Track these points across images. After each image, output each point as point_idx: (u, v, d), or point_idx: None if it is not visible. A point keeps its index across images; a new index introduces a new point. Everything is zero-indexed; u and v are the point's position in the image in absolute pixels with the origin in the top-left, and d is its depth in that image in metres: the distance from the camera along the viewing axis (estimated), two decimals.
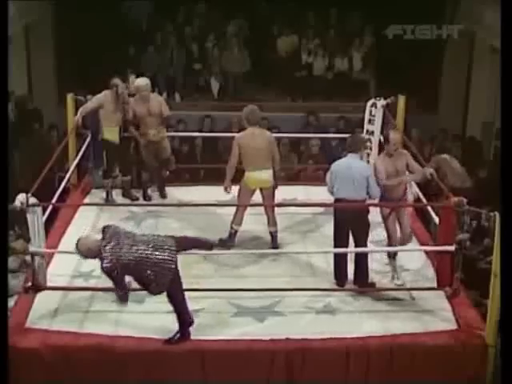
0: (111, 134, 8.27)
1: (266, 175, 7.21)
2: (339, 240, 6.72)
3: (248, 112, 7.37)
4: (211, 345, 5.76)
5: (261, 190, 7.28)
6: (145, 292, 6.39)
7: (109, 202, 8.42)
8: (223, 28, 14.31)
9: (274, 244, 7.38)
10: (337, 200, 6.79)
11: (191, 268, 6.87)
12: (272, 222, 7.34)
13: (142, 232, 6.21)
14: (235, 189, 7.36)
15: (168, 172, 8.71)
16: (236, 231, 7.31)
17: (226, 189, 7.30)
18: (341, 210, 6.73)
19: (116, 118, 8.25)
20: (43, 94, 13.62)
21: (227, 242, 7.25)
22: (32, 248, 6.26)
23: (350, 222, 6.65)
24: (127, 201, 8.51)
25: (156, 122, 8.29)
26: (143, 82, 8.32)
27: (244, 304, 6.31)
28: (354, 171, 6.63)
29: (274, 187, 7.34)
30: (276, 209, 8.05)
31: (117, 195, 8.58)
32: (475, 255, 8.21)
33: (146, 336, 5.85)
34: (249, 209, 7.31)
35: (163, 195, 8.64)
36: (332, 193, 6.82)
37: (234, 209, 7.32)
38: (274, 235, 7.38)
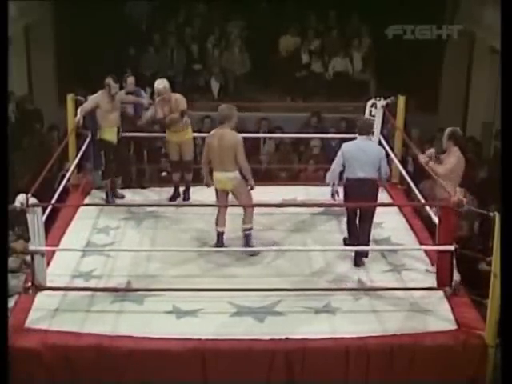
0: (108, 134, 8.26)
1: (226, 177, 7.03)
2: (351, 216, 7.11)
3: (217, 111, 7.21)
4: (211, 345, 5.76)
5: (232, 192, 7.17)
6: (145, 292, 6.43)
7: (109, 202, 8.42)
8: (223, 28, 14.33)
9: (247, 243, 7.17)
10: (347, 180, 7.08)
11: (190, 268, 6.90)
12: (247, 219, 7.14)
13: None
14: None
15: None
16: (221, 232, 7.19)
17: (206, 185, 7.35)
18: (352, 186, 7.02)
19: (112, 118, 8.23)
20: (43, 94, 13.62)
21: (215, 244, 7.21)
22: (32, 247, 6.26)
23: (360, 196, 6.97)
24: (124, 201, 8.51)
25: (178, 121, 8.29)
26: (161, 84, 8.25)
27: (244, 304, 6.31)
28: (368, 152, 6.97)
29: (246, 187, 7.12)
30: (276, 209, 8.09)
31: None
32: (475, 255, 8.20)
33: (146, 336, 5.84)
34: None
35: (186, 198, 8.61)
36: (336, 178, 7.20)
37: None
38: (246, 234, 7.17)
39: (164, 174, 8.72)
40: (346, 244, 7.23)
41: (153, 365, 5.71)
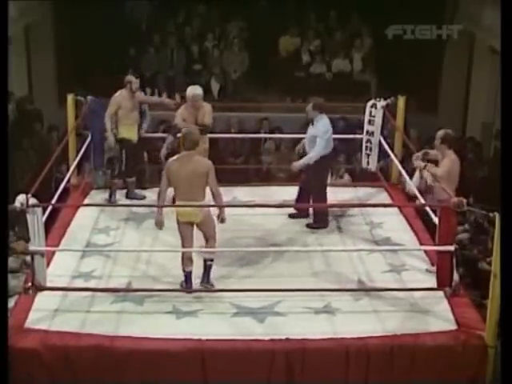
0: (129, 132, 8.24)
1: (193, 209, 6.40)
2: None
3: (184, 134, 6.44)
4: (211, 345, 5.76)
5: (197, 224, 6.52)
6: (145, 292, 6.43)
7: (111, 202, 8.40)
8: (223, 28, 14.33)
9: (206, 278, 6.55)
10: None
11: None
12: (210, 249, 6.56)
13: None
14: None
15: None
16: (189, 272, 6.52)
17: (156, 224, 6.58)
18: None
19: (133, 116, 8.22)
20: (43, 94, 13.62)
21: (185, 286, 6.55)
22: (32, 247, 6.26)
23: None
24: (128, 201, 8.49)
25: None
26: (199, 90, 7.88)
27: (244, 304, 6.31)
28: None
29: (213, 219, 6.55)
30: (276, 209, 8.09)
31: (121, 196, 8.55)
32: (475, 255, 8.21)
33: (146, 336, 5.84)
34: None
35: None
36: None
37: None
38: (208, 264, 6.55)
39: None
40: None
41: (153, 365, 5.71)
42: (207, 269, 6.57)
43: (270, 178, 11.01)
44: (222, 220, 6.55)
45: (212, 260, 6.59)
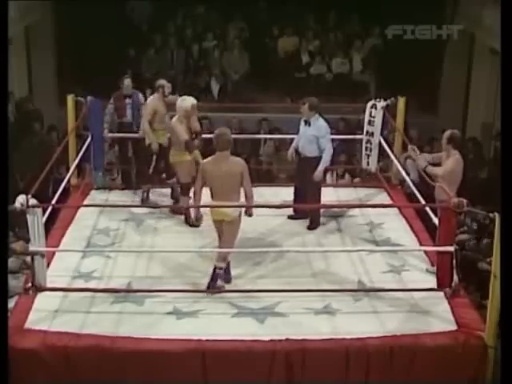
0: (163, 137, 8.24)
1: (226, 208, 6.49)
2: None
3: (216, 135, 6.51)
4: (211, 345, 5.75)
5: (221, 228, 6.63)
6: (145, 293, 6.43)
7: (147, 202, 8.41)
8: (223, 29, 14.33)
9: (215, 280, 6.54)
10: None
11: (191, 269, 6.90)
12: (222, 257, 6.56)
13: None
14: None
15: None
16: (221, 269, 6.56)
17: (197, 221, 6.78)
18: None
19: (166, 121, 8.20)
20: (43, 94, 13.63)
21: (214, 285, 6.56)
22: (32, 248, 6.26)
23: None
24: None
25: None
26: (189, 102, 7.61)
27: (244, 305, 6.31)
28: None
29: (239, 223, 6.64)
30: (276, 210, 8.09)
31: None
32: (475, 256, 8.21)
33: (147, 337, 5.84)
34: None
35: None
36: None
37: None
38: (217, 272, 6.53)
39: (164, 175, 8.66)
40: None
41: (153, 366, 5.71)
42: (216, 275, 6.53)
43: (269, 179, 11.01)
44: (249, 215, 6.65)
45: (221, 268, 6.55)
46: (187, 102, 7.62)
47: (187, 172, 7.73)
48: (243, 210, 6.62)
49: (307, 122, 7.86)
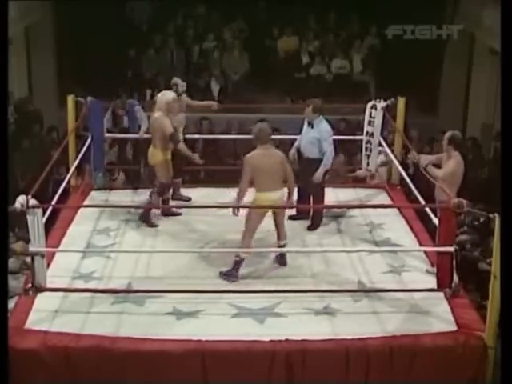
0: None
1: (277, 196, 6.91)
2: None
3: (258, 130, 6.94)
4: (211, 345, 5.75)
5: (273, 211, 7.00)
6: (145, 294, 6.43)
7: (180, 199, 8.43)
8: (223, 30, 14.33)
9: (282, 259, 7.08)
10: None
11: (191, 269, 6.90)
12: (282, 236, 7.10)
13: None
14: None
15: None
16: (242, 260, 6.82)
17: (234, 211, 6.92)
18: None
19: (180, 119, 8.21)
20: (43, 95, 13.63)
21: (230, 275, 6.81)
22: (32, 248, 6.26)
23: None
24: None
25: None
26: (171, 95, 7.83)
27: (244, 305, 6.31)
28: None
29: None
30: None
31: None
32: (475, 256, 8.21)
33: (147, 337, 5.84)
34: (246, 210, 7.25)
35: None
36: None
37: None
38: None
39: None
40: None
41: (153, 366, 5.71)
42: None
43: None
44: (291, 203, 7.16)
45: (286, 244, 7.06)
46: (168, 95, 7.85)
47: (167, 172, 7.86)
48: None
49: (310, 124, 7.85)
